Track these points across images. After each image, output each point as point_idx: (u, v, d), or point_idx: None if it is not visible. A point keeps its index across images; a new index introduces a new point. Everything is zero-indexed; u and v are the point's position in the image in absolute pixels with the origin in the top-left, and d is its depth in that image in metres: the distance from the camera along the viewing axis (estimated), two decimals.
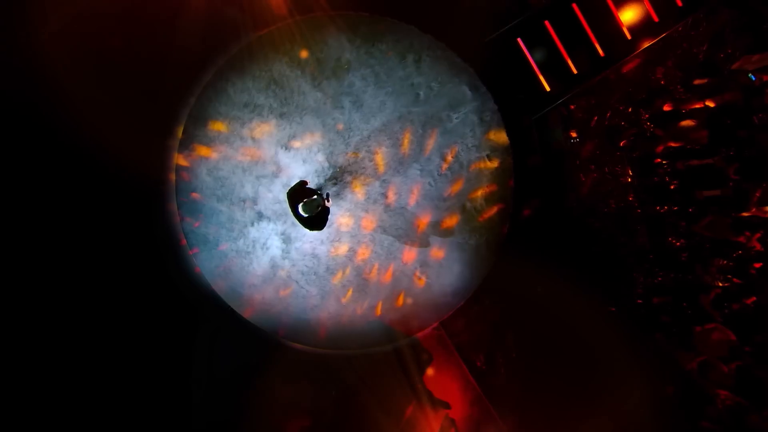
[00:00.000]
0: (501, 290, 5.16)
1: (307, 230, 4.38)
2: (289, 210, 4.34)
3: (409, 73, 5.15)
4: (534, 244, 5.08)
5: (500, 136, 5.18)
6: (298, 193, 4.21)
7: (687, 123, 5.22)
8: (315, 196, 4.16)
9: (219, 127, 5.20)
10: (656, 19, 5.21)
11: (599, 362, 5.08)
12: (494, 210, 5.19)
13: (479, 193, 5.18)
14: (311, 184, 5.09)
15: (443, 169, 5.16)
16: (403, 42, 5.13)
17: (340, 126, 5.17)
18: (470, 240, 5.21)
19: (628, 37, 5.20)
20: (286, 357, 5.47)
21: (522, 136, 5.16)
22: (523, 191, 5.14)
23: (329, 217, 4.64)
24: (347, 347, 5.35)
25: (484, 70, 5.19)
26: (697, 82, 5.22)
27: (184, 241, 5.26)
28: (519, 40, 5.19)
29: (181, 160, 5.23)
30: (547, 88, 5.21)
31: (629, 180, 5.22)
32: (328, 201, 4.61)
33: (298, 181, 4.87)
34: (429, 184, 5.19)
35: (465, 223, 5.22)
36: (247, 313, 5.31)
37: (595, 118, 5.21)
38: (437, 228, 5.23)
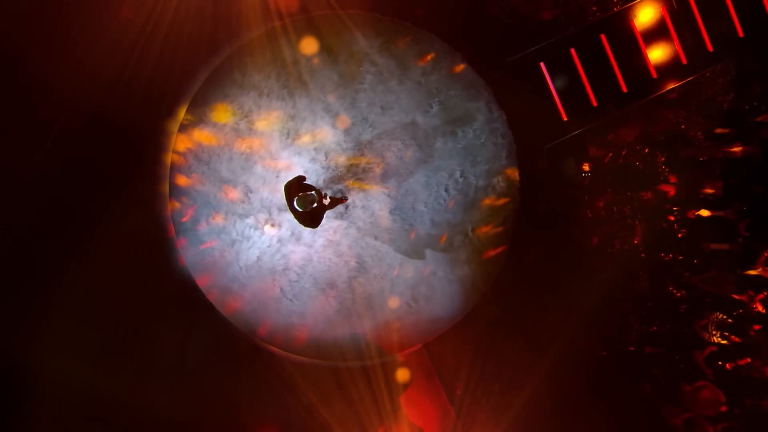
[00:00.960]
0: (492, 320, 4.97)
1: (298, 234, 4.19)
2: (286, 207, 4.15)
3: (423, 82, 4.97)
4: (530, 276, 4.90)
5: (510, 161, 5.00)
6: (295, 187, 4.09)
7: (702, 172, 5.05)
8: (311, 192, 4.04)
9: (223, 114, 5.01)
10: (684, 62, 5.04)
11: (583, 406, 4.90)
12: (494, 236, 5.02)
13: (481, 218, 5.00)
14: (310, 181, 4.90)
15: (447, 188, 4.98)
16: (420, 48, 4.96)
17: (346, 125, 4.99)
18: (465, 266, 5.03)
19: (654, 75, 5.04)
20: (262, 360, 5.28)
21: (533, 164, 4.99)
22: (527, 220, 4.96)
23: (324, 217, 4.47)
24: (326, 357, 5.16)
25: (501, 89, 5.02)
26: (718, 130, 5.05)
27: (172, 231, 5.06)
28: (542, 64, 5.02)
29: (180, 142, 5.04)
30: (565, 118, 5.04)
31: (637, 222, 5.04)
32: (326, 199, 4.45)
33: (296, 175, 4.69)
34: (432, 200, 5.01)
35: (462, 247, 5.04)
36: (227, 311, 5.12)
37: (610, 154, 5.04)
38: (434, 247, 5.05)
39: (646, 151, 5.06)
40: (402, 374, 5.11)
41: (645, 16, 5.02)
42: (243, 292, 5.11)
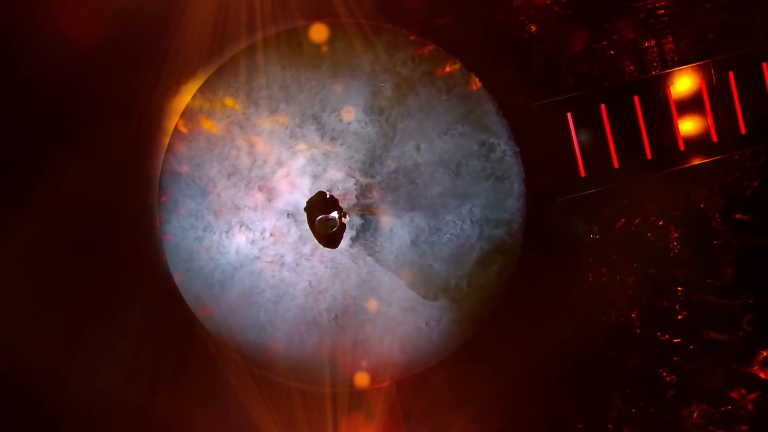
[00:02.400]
0: (468, 370, 4.70)
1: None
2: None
3: (441, 110, 4.76)
4: (517, 332, 4.63)
5: (517, 208, 4.77)
6: (317, 206, 4.01)
7: (714, 256, 4.83)
8: (333, 214, 3.96)
9: (231, 104, 4.77)
10: (715, 139, 4.85)
11: None
12: (486, 286, 4.76)
13: (476, 264, 4.75)
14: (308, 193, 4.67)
15: (446, 226, 4.74)
16: (447, 77, 4.75)
17: (346, 141, 4.76)
18: (451, 311, 4.77)
19: (681, 148, 4.83)
20: (224, 366, 4.97)
21: (541, 216, 4.76)
22: (524, 274, 4.72)
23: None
24: (290, 377, 4.86)
25: (522, 132, 4.80)
26: (738, 216, 4.84)
27: (158, 222, 4.78)
28: (569, 114, 4.81)
29: (181, 126, 4.79)
30: (583, 174, 4.82)
31: (638, 296, 4.80)
32: (345, 218, 4.34)
33: (318, 191, 4.48)
34: (429, 235, 4.76)
35: (449, 291, 4.78)
36: (200, 312, 4.83)
37: (623, 220, 4.81)
38: (423, 285, 4.79)
39: (660, 223, 4.83)
40: (365, 410, 4.81)
41: (682, 85, 4.84)
42: (219, 294, 4.82)
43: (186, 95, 4.81)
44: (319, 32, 4.71)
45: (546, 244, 4.79)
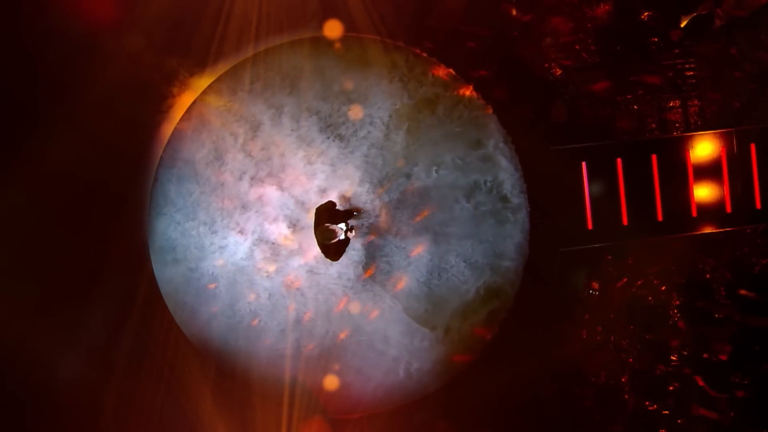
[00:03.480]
0: (443, 414, 4.49)
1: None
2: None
3: (453, 138, 4.62)
4: (499, 381, 4.43)
5: (517, 253, 4.61)
6: (324, 215, 4.04)
7: (713, 330, 4.66)
8: (337, 226, 3.99)
9: (241, 103, 4.63)
10: (729, 210, 4.71)
11: None
12: (475, 331, 4.58)
13: (466, 307, 4.57)
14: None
15: (445, 264, 4.58)
16: (465, 106, 4.63)
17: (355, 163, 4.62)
18: (435, 351, 4.58)
19: (694, 214, 4.69)
20: (196, 369, 4.75)
21: (541, 264, 4.59)
22: (517, 323, 4.54)
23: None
24: (256, 391, 4.64)
25: (533, 175, 4.66)
26: (743, 292, 4.68)
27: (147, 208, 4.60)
28: (584, 164, 4.67)
29: (189, 116, 4.63)
30: (590, 226, 4.67)
31: (630, 360, 4.62)
32: (351, 232, 4.32)
33: (329, 201, 4.47)
34: (426, 272, 4.59)
35: (440, 331, 4.59)
36: (177, 311, 4.63)
37: (625, 279, 4.65)
38: (411, 318, 4.61)
39: (663, 288, 4.67)
40: None
41: (702, 150, 4.72)
42: (202, 298, 4.62)
43: (200, 87, 4.67)
44: (341, 42, 4.60)
45: (543, 294, 4.62)
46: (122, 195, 4.56)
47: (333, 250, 4.04)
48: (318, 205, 4.22)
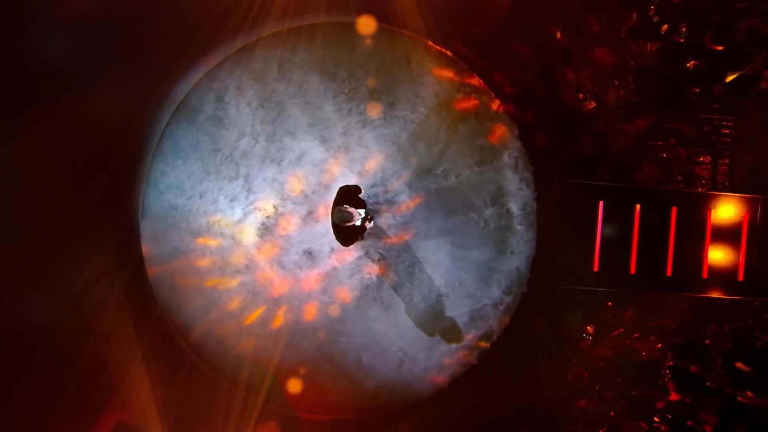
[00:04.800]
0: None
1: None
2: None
3: (465, 145, 4.45)
4: (467, 410, 4.24)
5: (515, 280, 4.42)
6: (345, 195, 3.74)
7: (703, 399, 4.46)
8: (358, 211, 3.70)
9: (262, 83, 4.46)
10: (740, 278, 4.53)
11: None
12: (455, 361, 4.41)
13: (449, 330, 4.40)
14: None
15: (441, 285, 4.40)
16: (486, 121, 4.46)
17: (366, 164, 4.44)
18: (411, 365, 4.40)
19: (704, 276, 4.51)
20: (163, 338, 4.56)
21: (537, 297, 4.41)
22: (499, 355, 4.35)
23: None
24: (224, 373, 4.45)
25: (546, 205, 4.48)
26: (738, 365, 4.48)
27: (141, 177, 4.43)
28: (601, 203, 4.49)
29: (203, 86, 4.46)
30: (595, 269, 4.49)
31: (612, 414, 4.42)
32: (369, 222, 4.07)
33: (355, 185, 4.15)
34: (414, 287, 4.41)
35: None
36: (153, 269, 4.45)
37: (621, 330, 4.47)
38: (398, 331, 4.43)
39: (659, 346, 4.48)
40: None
41: (724, 212, 4.54)
42: (185, 264, 4.45)
43: (221, 58, 4.50)
44: (372, 33, 4.44)
45: (534, 328, 4.44)
46: (123, 158, 4.41)
47: (345, 234, 3.74)
48: (343, 185, 3.92)
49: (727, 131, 4.60)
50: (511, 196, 4.43)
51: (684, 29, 4.61)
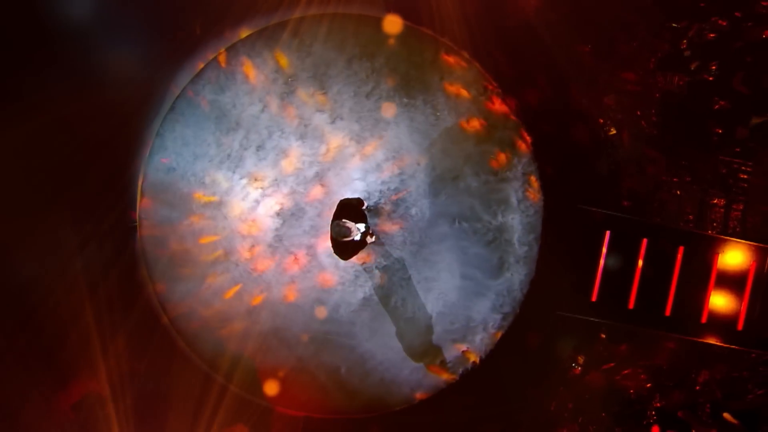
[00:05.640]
0: None
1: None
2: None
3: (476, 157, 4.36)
4: (441, 428, 4.15)
5: (509, 303, 4.32)
6: (346, 209, 3.70)
7: None
8: (354, 225, 3.64)
9: (283, 63, 4.37)
10: (740, 328, 4.42)
11: None
12: (444, 371, 4.31)
13: (438, 350, 4.31)
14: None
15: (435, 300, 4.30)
16: (498, 141, 4.36)
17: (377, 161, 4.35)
18: (392, 373, 4.30)
19: (703, 320, 4.40)
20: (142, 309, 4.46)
21: (530, 320, 4.31)
22: (485, 376, 4.25)
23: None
24: (204, 357, 4.36)
25: (551, 229, 4.38)
26: (725, 415, 4.37)
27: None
28: (608, 233, 4.39)
29: (222, 58, 4.38)
30: (594, 299, 4.38)
31: None
32: (370, 237, 4.02)
33: (357, 198, 4.20)
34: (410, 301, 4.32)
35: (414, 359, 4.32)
36: (147, 248, 4.36)
37: (612, 364, 4.36)
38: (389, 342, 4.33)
39: (648, 386, 4.37)
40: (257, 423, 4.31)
41: (732, 258, 4.43)
42: (178, 239, 4.36)
43: (243, 31, 4.42)
44: (398, 32, 4.35)
45: (524, 351, 4.34)
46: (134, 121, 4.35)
47: (342, 248, 3.71)
48: (344, 199, 3.92)
49: (745, 176, 4.50)
50: (517, 213, 4.33)
51: (714, 67, 4.52)
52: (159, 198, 4.37)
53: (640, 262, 4.38)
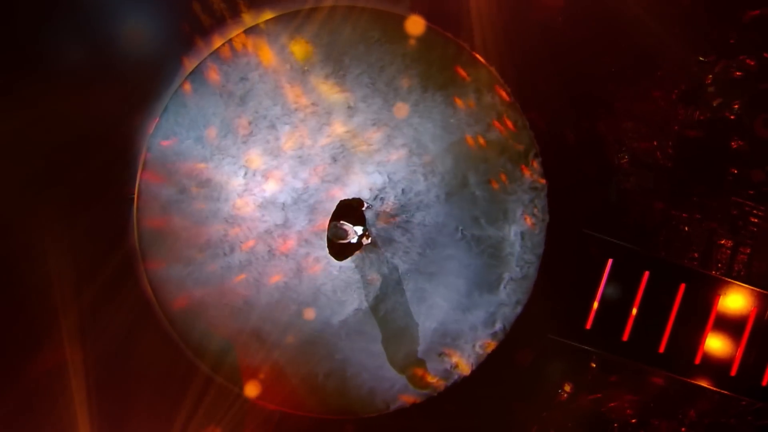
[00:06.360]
0: None
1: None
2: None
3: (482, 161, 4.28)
4: None
5: (500, 318, 4.24)
6: (345, 210, 3.69)
7: None
8: (351, 227, 3.61)
9: (302, 51, 4.30)
10: (733, 374, 4.32)
11: None
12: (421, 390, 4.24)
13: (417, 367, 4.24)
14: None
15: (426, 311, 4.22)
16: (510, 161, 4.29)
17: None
18: (373, 377, 4.22)
19: (697, 362, 4.31)
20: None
21: (521, 342, 4.23)
22: (468, 393, 4.16)
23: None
24: (187, 341, 4.28)
25: (551, 253, 4.29)
26: None
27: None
28: (610, 261, 4.30)
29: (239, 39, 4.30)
30: (588, 326, 4.29)
31: None
32: (367, 238, 4.00)
33: (356, 198, 4.13)
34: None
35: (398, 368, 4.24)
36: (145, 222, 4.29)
37: (599, 395, 4.27)
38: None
39: (633, 421, 4.28)
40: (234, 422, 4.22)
41: (733, 302, 4.34)
42: (175, 216, 4.28)
43: (265, 13, 4.35)
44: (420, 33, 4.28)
45: (510, 372, 4.25)
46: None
47: (338, 248, 3.72)
48: (343, 199, 3.90)
49: (756, 220, 4.41)
50: (520, 230, 4.24)
51: (737, 106, 4.44)
52: (160, 173, 4.29)
53: (640, 295, 4.29)
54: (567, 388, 4.27)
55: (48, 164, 4.22)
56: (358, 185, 4.24)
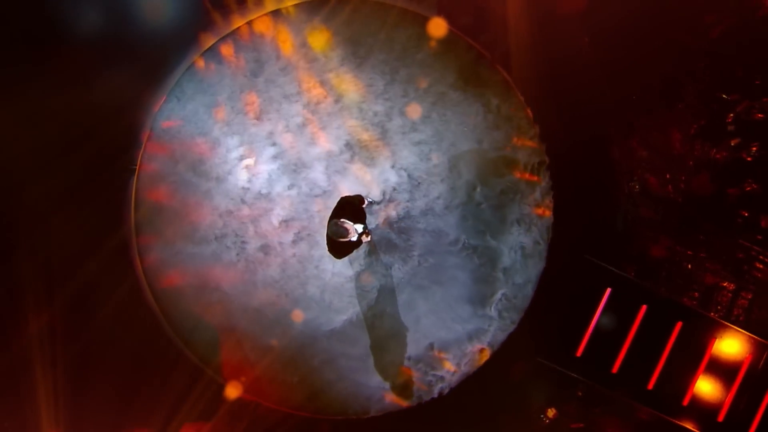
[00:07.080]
0: None
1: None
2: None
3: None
4: None
5: (491, 335, 4.16)
6: (345, 207, 3.64)
7: None
8: (352, 225, 3.53)
9: (320, 41, 4.23)
10: (720, 419, 4.23)
11: None
12: (408, 396, 4.14)
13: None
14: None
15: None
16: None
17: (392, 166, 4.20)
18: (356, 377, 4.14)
19: (685, 403, 4.22)
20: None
21: (509, 362, 4.15)
22: (451, 403, 4.08)
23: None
24: (173, 324, 4.21)
25: (551, 275, 4.21)
26: None
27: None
28: (609, 290, 4.22)
29: (258, 22, 4.24)
30: (578, 354, 4.21)
31: None
32: (366, 236, 3.90)
33: (358, 195, 4.07)
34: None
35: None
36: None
37: (582, 425, 4.18)
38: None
39: None
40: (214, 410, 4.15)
41: (729, 346, 4.25)
42: (175, 194, 4.22)
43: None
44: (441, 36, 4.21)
45: (494, 391, 4.16)
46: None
47: (338, 246, 3.70)
48: (345, 196, 3.85)
49: (761, 266, 4.33)
50: (521, 248, 4.16)
51: (755, 149, 4.36)
52: (164, 148, 4.22)
53: (635, 328, 4.20)
54: (550, 413, 4.18)
55: (63, 133, 4.15)
56: (363, 182, 4.17)
